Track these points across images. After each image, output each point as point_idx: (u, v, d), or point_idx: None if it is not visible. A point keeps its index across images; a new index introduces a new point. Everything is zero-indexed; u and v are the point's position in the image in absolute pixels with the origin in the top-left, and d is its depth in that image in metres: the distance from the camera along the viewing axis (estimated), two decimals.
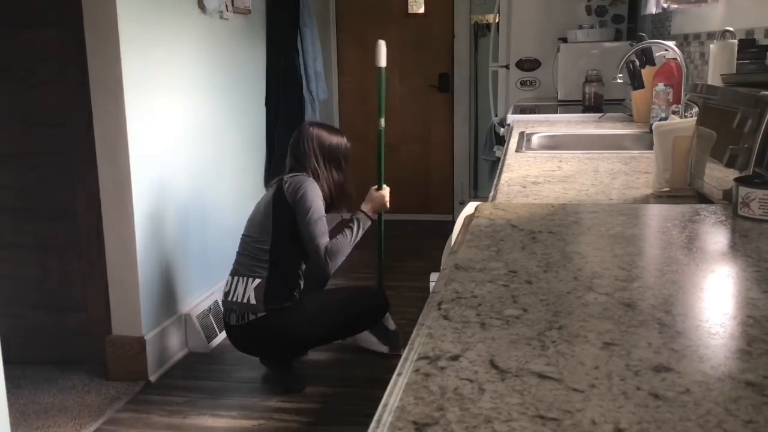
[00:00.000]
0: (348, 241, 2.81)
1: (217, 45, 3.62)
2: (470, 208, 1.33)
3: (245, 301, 2.74)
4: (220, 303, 2.99)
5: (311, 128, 2.91)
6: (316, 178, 2.84)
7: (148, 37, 2.95)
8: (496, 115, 4.34)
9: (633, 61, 2.70)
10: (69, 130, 2.95)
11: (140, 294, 2.96)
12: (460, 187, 5.63)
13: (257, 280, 2.75)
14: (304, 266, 2.87)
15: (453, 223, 1.40)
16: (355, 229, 2.86)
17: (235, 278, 2.82)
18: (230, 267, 4.04)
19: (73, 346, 3.09)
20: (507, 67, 4.25)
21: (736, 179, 1.21)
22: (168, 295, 3.17)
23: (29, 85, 2.96)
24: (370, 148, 5.72)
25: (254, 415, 2.71)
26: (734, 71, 1.75)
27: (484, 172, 5.05)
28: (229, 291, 2.82)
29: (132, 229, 2.91)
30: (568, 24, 4.08)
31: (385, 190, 3.08)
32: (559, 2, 4.16)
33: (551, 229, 1.17)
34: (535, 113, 3.49)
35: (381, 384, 0.71)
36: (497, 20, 4.27)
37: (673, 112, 2.44)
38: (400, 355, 0.72)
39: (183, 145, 3.27)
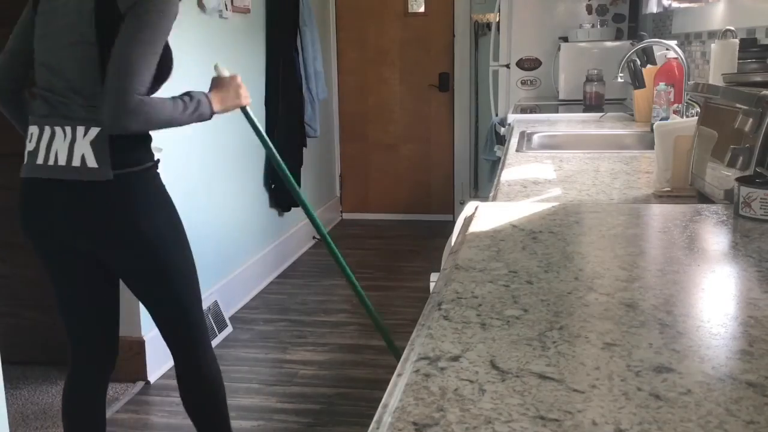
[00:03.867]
0: (170, 110, 1.73)
1: (217, 44, 3.61)
2: (470, 208, 1.33)
3: (72, 162, 1.74)
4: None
5: None
6: None
7: None
8: (497, 115, 4.34)
9: (634, 61, 2.70)
10: None
11: None
12: (461, 187, 5.63)
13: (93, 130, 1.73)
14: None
15: (453, 223, 1.39)
16: (188, 103, 1.78)
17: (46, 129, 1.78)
18: (230, 267, 4.01)
19: None
20: (507, 66, 4.25)
21: (737, 179, 1.21)
22: None
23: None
24: (370, 148, 5.74)
25: (254, 416, 2.71)
26: (735, 70, 1.74)
27: (485, 172, 5.05)
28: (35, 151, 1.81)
29: None
30: (568, 23, 4.08)
31: (236, 77, 2.02)
32: (560, 1, 4.16)
33: (552, 229, 1.17)
34: (535, 113, 3.49)
35: (381, 385, 0.71)
36: (498, 19, 4.27)
37: (675, 112, 2.43)
38: None
39: (181, 144, 3.26)
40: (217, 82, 1.99)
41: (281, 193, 4.40)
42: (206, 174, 3.53)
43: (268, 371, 3.10)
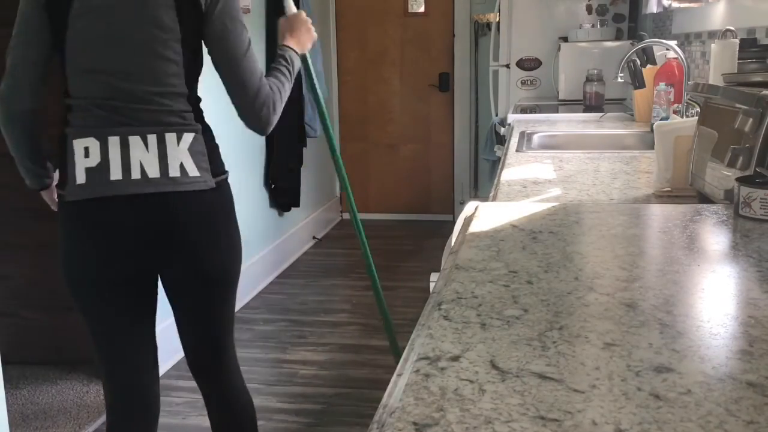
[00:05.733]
0: (287, 82, 1.85)
1: None
2: (470, 208, 1.33)
3: (169, 172, 1.60)
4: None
5: None
6: None
7: None
8: (497, 115, 4.33)
9: (634, 61, 2.70)
10: None
11: None
12: (461, 187, 5.63)
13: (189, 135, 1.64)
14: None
15: (453, 223, 1.39)
16: (289, 67, 1.90)
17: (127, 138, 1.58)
18: None
19: (73, 346, 3.09)
20: (508, 66, 4.25)
21: (737, 179, 1.21)
22: None
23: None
24: (370, 148, 5.73)
25: None
26: (735, 70, 1.74)
27: (485, 172, 5.05)
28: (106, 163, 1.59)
29: None
30: (568, 23, 4.08)
31: (302, 13, 2.04)
32: (560, 1, 4.16)
33: (552, 229, 1.17)
34: (535, 113, 3.49)
35: (381, 385, 0.71)
36: (498, 19, 4.27)
37: (675, 112, 2.43)
38: None
39: None
40: (290, 23, 1.97)
41: (281, 193, 4.40)
42: None
43: (268, 371, 3.10)
